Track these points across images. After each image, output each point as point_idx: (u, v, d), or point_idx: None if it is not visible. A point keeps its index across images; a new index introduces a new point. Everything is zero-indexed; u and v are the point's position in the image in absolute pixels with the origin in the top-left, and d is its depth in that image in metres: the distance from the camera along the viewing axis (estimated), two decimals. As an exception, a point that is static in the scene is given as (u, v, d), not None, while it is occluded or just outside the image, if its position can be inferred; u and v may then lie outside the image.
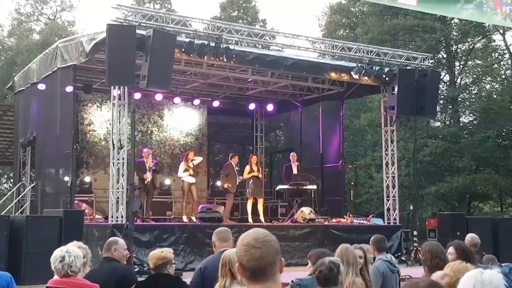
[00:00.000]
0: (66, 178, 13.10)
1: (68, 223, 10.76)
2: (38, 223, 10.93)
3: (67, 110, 13.36)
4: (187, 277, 5.38)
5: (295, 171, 15.56)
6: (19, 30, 35.58)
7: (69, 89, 13.17)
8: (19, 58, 31.08)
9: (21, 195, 15.85)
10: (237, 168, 14.92)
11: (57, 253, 4.08)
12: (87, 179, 16.06)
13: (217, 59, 13.02)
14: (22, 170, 16.41)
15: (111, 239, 5.68)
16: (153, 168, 14.05)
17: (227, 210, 14.75)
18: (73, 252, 4.08)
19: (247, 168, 14.81)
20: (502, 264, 6.60)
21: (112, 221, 12.22)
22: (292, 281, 4.83)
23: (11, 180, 20.50)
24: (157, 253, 5.20)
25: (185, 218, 14.23)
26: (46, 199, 14.13)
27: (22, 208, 15.53)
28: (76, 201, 13.36)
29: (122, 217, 12.17)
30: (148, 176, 13.82)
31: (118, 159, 12.44)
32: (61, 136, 13.48)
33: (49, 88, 14.42)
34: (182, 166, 14.63)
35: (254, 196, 14.69)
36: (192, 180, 14.48)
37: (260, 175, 14.88)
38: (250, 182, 14.68)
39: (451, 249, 5.14)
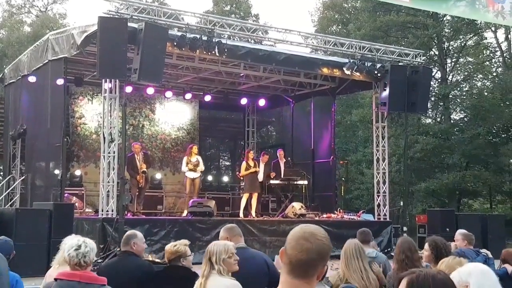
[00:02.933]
0: (57, 171, 13.03)
1: (58, 216, 10.72)
2: (28, 216, 10.87)
3: (58, 103, 13.28)
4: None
5: (282, 168, 15.58)
6: (10, 22, 35.33)
7: (60, 81, 13.10)
8: (9, 51, 30.87)
9: (10, 188, 15.77)
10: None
11: (73, 241, 4.00)
12: (78, 172, 16.00)
13: (209, 53, 12.98)
14: (12, 162, 16.32)
15: (129, 232, 5.55)
16: (145, 172, 13.98)
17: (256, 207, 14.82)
18: (89, 243, 4.02)
19: (244, 164, 14.76)
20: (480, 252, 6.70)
21: (102, 214, 12.18)
22: None
23: (1, 173, 20.37)
24: (169, 247, 5.16)
25: (185, 212, 14.16)
26: (36, 192, 14.06)
27: (12, 201, 15.45)
28: (66, 195, 13.32)
29: (112, 210, 12.13)
30: (141, 179, 13.77)
31: (109, 153, 12.40)
32: (52, 129, 13.41)
33: (39, 81, 14.33)
34: (184, 160, 14.48)
35: (251, 191, 14.68)
36: (194, 175, 14.37)
37: (258, 170, 14.89)
38: (246, 178, 14.67)
39: (426, 246, 5.15)
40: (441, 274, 2.22)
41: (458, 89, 27.83)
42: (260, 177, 14.83)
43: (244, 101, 18.85)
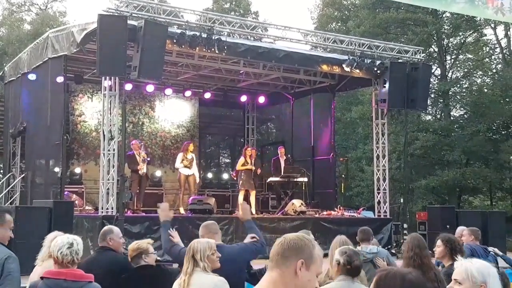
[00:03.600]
0: (56, 169, 13.04)
1: (58, 214, 10.72)
2: (28, 214, 10.86)
3: (58, 100, 13.28)
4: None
5: (283, 165, 15.59)
6: (10, 20, 35.28)
7: (60, 79, 13.09)
8: (9, 48, 30.83)
9: (10, 186, 15.77)
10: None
11: (64, 239, 3.98)
12: (78, 170, 16.00)
13: (208, 51, 12.98)
14: (12, 160, 16.33)
15: (105, 228, 5.64)
16: (147, 159, 13.94)
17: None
18: (79, 240, 4.04)
19: (241, 159, 14.77)
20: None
21: (102, 212, 12.20)
22: None
23: (1, 171, 20.38)
24: (132, 245, 5.25)
25: (181, 210, 14.17)
26: (36, 190, 14.07)
27: (12, 199, 15.46)
28: (66, 192, 13.33)
29: (112, 208, 12.15)
30: (143, 167, 13.71)
31: (109, 150, 12.41)
32: (52, 127, 13.41)
33: (39, 79, 14.33)
34: (180, 157, 14.54)
35: (246, 188, 14.69)
36: (188, 172, 14.37)
37: (253, 168, 14.88)
38: (242, 174, 14.68)
39: (438, 242, 5.15)
40: (412, 275, 2.27)
41: (458, 86, 27.80)
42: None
43: (243, 98, 18.85)
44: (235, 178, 15.01)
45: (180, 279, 4.19)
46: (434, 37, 26.93)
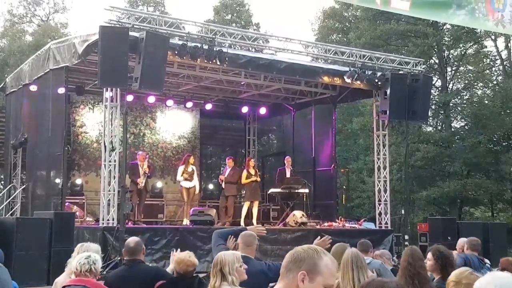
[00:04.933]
0: (57, 180, 13.03)
1: (58, 225, 10.71)
2: (29, 225, 10.86)
3: (59, 111, 13.29)
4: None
5: (288, 175, 15.58)
6: (12, 32, 35.46)
7: (61, 90, 13.12)
8: (11, 60, 30.96)
9: (11, 197, 15.75)
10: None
11: (82, 255, 4.37)
12: (79, 181, 15.99)
13: (210, 62, 13.00)
14: (13, 171, 16.31)
15: (137, 239, 5.54)
16: (148, 174, 13.95)
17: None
18: (96, 255, 4.39)
19: (245, 173, 14.75)
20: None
21: (103, 223, 12.16)
22: None
23: (2, 182, 20.37)
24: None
25: (185, 221, 14.16)
26: (37, 201, 14.05)
27: (12, 210, 15.43)
28: (67, 203, 13.31)
29: (113, 219, 12.11)
30: (142, 181, 13.73)
31: (110, 161, 12.40)
32: (53, 138, 13.41)
33: (41, 90, 14.36)
34: (180, 170, 14.55)
35: (252, 199, 14.67)
36: (189, 184, 14.40)
37: (258, 179, 14.90)
38: (247, 186, 14.67)
39: (429, 255, 5.11)
40: (392, 283, 2.28)
41: (459, 97, 27.87)
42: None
43: (245, 109, 18.86)
44: (221, 183, 14.84)
45: None
46: (435, 49, 27.03)
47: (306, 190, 15.87)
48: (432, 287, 4.69)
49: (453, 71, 28.38)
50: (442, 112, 27.37)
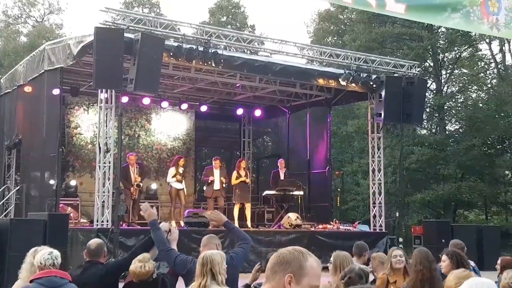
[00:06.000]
0: (52, 182, 12.99)
1: (52, 226, 10.67)
2: (23, 227, 10.82)
3: (54, 113, 13.26)
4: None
5: (282, 177, 15.58)
6: (6, 32, 35.37)
7: (56, 91, 13.09)
8: (5, 60, 30.89)
9: (5, 198, 15.69)
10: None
11: (44, 250, 4.74)
12: (73, 182, 15.95)
13: (205, 64, 13.01)
14: (7, 173, 16.25)
15: (100, 242, 5.59)
16: (140, 185, 13.98)
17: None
18: (57, 252, 4.76)
19: (234, 173, 14.79)
20: None
21: (97, 225, 12.14)
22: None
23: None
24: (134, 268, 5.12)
25: (173, 223, 14.14)
26: (31, 203, 14.00)
27: (6, 211, 15.37)
28: (61, 205, 13.27)
29: (107, 221, 12.09)
30: (134, 193, 13.74)
31: (105, 163, 12.38)
32: (47, 139, 13.38)
33: (35, 91, 14.32)
34: (172, 171, 14.58)
35: (241, 201, 14.68)
36: (180, 186, 14.46)
37: (247, 180, 14.88)
38: (237, 187, 14.66)
39: (444, 257, 5.12)
40: None
41: (453, 100, 27.96)
42: (217, 185, 14.51)
43: (240, 111, 18.87)
44: (209, 182, 14.74)
45: None
46: (430, 52, 27.10)
47: (301, 193, 15.89)
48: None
49: (447, 74, 28.47)
50: (437, 115, 27.44)
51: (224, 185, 14.64)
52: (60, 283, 4.44)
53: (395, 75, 15.39)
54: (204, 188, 15.18)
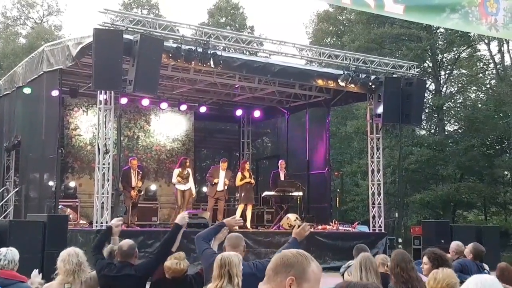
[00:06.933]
0: (51, 183, 12.98)
1: (52, 228, 10.65)
2: (22, 228, 10.80)
3: (53, 114, 13.25)
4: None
5: (282, 178, 15.58)
6: (5, 34, 35.38)
7: (55, 93, 13.08)
8: (4, 62, 30.90)
9: (4, 200, 15.68)
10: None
11: (2, 250, 4.88)
12: (72, 184, 15.94)
13: (204, 65, 13.01)
14: (6, 174, 16.24)
15: (132, 243, 5.57)
16: (140, 190, 14.00)
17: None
18: (12, 251, 4.93)
19: (239, 175, 14.77)
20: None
21: (96, 226, 12.13)
22: None
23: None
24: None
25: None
26: (30, 204, 13.99)
27: (5, 213, 15.36)
28: (60, 206, 13.25)
29: (107, 222, 12.06)
30: (135, 196, 13.74)
31: (104, 164, 12.37)
32: (46, 141, 13.37)
33: (34, 92, 14.31)
34: (176, 172, 14.53)
35: (246, 202, 14.68)
36: (184, 187, 14.40)
37: (252, 181, 14.90)
38: (241, 189, 14.67)
39: (424, 259, 5.12)
40: (372, 285, 2.29)
41: (452, 101, 27.98)
42: (221, 186, 14.50)
43: (239, 112, 18.87)
44: (214, 183, 14.70)
45: None
46: (428, 53, 27.12)
47: (300, 193, 15.87)
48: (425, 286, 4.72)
49: (446, 75, 28.49)
50: (436, 115, 27.46)
51: (225, 187, 14.61)
52: (4, 283, 4.50)
53: (394, 75, 15.40)
54: (207, 187, 15.13)
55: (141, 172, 14.20)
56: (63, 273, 4.89)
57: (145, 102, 16.48)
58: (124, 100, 14.09)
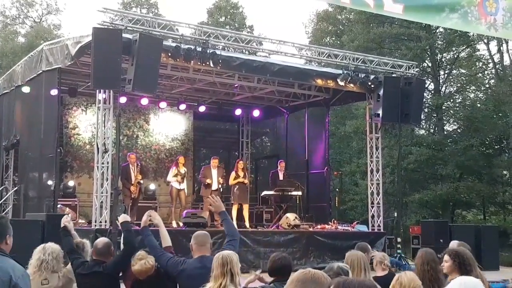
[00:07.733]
0: (50, 182, 12.97)
1: (50, 227, 10.63)
2: (20, 227, 10.75)
3: (52, 113, 13.25)
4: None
5: (281, 178, 15.59)
6: (4, 33, 35.33)
7: (54, 92, 13.07)
8: (3, 61, 30.87)
9: (3, 199, 15.68)
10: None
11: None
12: (71, 183, 15.92)
13: (203, 64, 13.00)
14: (5, 173, 16.24)
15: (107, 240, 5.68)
16: (141, 182, 13.97)
17: None
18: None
19: (233, 174, 14.78)
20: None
21: (95, 225, 12.13)
22: None
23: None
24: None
25: (174, 224, 14.14)
26: (29, 203, 13.98)
27: (4, 212, 15.33)
28: (59, 205, 13.24)
29: (105, 221, 12.08)
30: (135, 190, 13.73)
31: (103, 163, 12.37)
32: (45, 140, 13.37)
33: (33, 91, 14.31)
34: (173, 171, 14.55)
35: (240, 202, 14.67)
36: (180, 186, 14.42)
37: (246, 181, 14.86)
38: (235, 188, 14.65)
39: (446, 257, 5.03)
40: (370, 282, 2.30)
41: (451, 100, 27.97)
42: (215, 185, 14.42)
43: (238, 111, 18.86)
44: (207, 183, 14.67)
45: None
46: (428, 52, 27.11)
47: (299, 193, 15.88)
48: None
49: (445, 75, 28.47)
50: (435, 115, 27.45)
51: (220, 186, 14.56)
52: None
53: (393, 75, 15.40)
54: (201, 187, 15.15)
55: (139, 165, 14.18)
56: (37, 266, 5.01)
57: (144, 101, 16.47)
58: (123, 99, 14.02)
